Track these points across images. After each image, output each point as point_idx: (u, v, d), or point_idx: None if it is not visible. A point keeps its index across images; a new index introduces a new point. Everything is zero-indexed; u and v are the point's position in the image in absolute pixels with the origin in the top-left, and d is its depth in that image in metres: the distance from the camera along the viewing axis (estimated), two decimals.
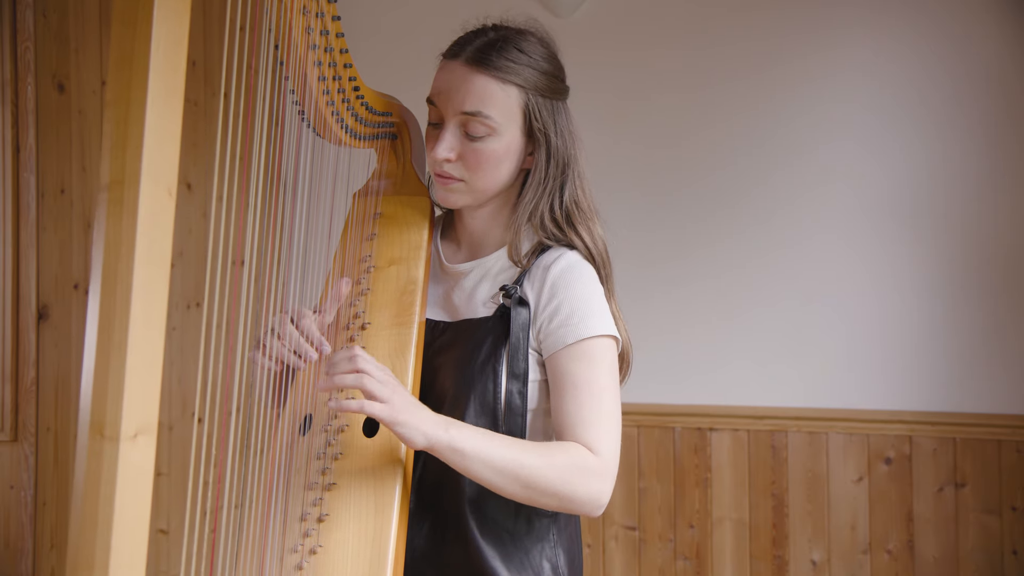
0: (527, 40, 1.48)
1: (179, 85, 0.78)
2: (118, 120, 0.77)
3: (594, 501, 1.36)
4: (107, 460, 0.79)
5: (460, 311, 1.53)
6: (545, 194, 1.50)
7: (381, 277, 1.55)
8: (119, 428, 0.78)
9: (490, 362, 1.43)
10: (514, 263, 1.50)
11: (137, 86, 0.76)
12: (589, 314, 1.43)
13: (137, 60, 0.75)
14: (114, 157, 0.77)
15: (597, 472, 1.36)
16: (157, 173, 0.78)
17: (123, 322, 0.77)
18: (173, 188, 0.79)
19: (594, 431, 1.38)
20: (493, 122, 1.43)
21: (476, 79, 1.43)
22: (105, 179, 0.77)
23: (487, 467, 1.29)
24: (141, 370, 0.79)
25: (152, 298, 0.79)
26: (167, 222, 0.79)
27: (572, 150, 1.52)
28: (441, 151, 1.45)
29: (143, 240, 0.78)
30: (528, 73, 1.45)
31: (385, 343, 1.46)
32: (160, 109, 0.77)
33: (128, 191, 0.77)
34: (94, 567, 0.79)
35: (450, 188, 1.50)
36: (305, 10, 1.25)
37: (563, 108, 1.52)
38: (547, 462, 1.32)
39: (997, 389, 2.99)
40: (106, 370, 0.78)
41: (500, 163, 1.47)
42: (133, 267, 0.77)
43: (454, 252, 1.63)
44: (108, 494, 0.78)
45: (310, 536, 1.29)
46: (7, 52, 3.11)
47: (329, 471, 1.35)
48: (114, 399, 0.78)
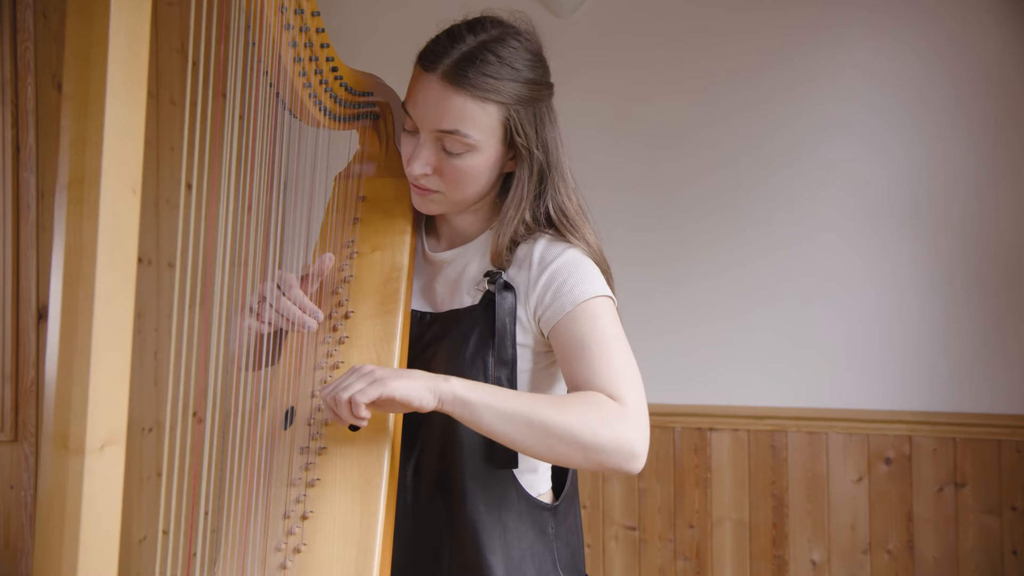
0: (508, 46, 1.37)
1: (141, 77, 0.72)
2: (76, 115, 0.71)
3: (624, 448, 1.22)
4: (72, 474, 0.73)
5: (444, 301, 1.47)
6: (527, 207, 1.43)
7: (365, 264, 1.48)
8: (84, 440, 0.72)
9: (480, 353, 1.37)
10: (497, 268, 1.43)
11: (96, 79, 0.70)
12: (582, 279, 1.36)
13: (95, 51, 0.69)
14: (73, 154, 0.71)
15: (620, 414, 1.24)
16: (120, 170, 0.72)
17: (86, 328, 0.72)
18: (138, 185, 0.73)
19: (610, 380, 1.28)
20: (472, 140, 1.35)
21: (453, 98, 1.34)
22: (64, 178, 0.72)
23: (498, 415, 1.19)
24: (107, 378, 0.73)
25: (117, 302, 0.73)
26: (132, 221, 0.73)
27: (554, 157, 1.43)
28: (416, 167, 1.38)
29: (106, 242, 0.72)
30: (509, 87, 1.35)
31: (370, 331, 1.40)
32: (121, 102, 0.71)
33: (88, 190, 0.71)
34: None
35: (428, 199, 1.43)
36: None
37: (546, 112, 1.43)
38: (564, 407, 1.22)
39: (997, 389, 2.98)
40: (69, 379, 0.72)
41: (479, 176, 1.40)
42: (95, 270, 0.71)
43: (435, 242, 1.56)
44: (74, 510, 0.72)
45: (294, 534, 1.23)
46: (7, 52, 3.07)
47: (313, 466, 1.28)
48: (78, 409, 0.72)
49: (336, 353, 1.38)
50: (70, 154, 0.71)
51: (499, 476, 1.38)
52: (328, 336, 1.41)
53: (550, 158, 1.42)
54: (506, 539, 1.37)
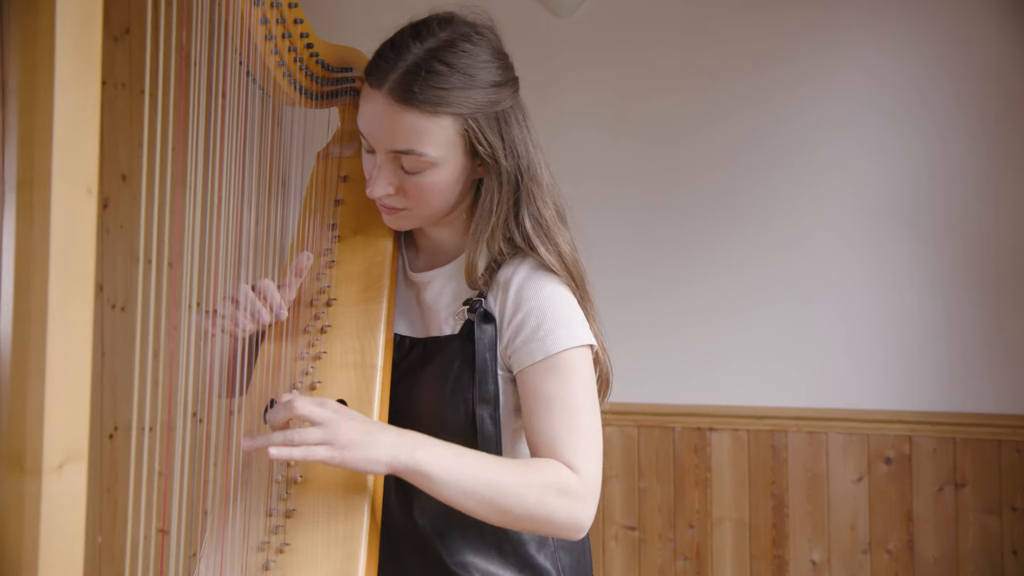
0: (458, 51, 1.25)
1: (94, 68, 0.65)
2: (23, 110, 0.64)
3: (574, 525, 1.21)
4: (29, 496, 0.66)
5: (425, 325, 1.39)
6: (500, 218, 1.32)
7: (347, 248, 1.40)
8: (41, 459, 0.66)
9: (460, 389, 1.28)
10: (472, 288, 1.34)
11: (43, 70, 0.63)
12: (556, 325, 1.27)
13: (41, 39, 0.62)
14: (21, 154, 0.64)
15: (577, 494, 1.21)
16: (72, 169, 0.65)
17: (39, 340, 0.65)
18: (93, 185, 0.66)
19: (571, 450, 1.22)
20: (429, 157, 1.24)
21: (402, 116, 1.23)
22: (12, 179, 0.65)
23: (458, 491, 1.15)
24: (64, 391, 0.67)
25: (73, 310, 0.66)
26: (88, 224, 0.66)
27: (525, 162, 1.32)
28: (377, 189, 1.29)
29: (59, 246, 0.65)
30: (463, 97, 1.24)
31: (353, 319, 1.32)
32: (72, 95, 0.64)
33: (39, 192, 0.64)
34: None
35: (396, 216, 1.34)
36: None
37: (512, 113, 1.30)
38: (524, 482, 1.17)
39: (997, 389, 2.95)
40: (23, 396, 0.65)
41: (444, 190, 1.30)
42: (48, 277, 0.65)
43: (415, 257, 1.47)
44: (31, 533, 0.66)
45: (277, 533, 1.16)
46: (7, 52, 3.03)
47: (295, 464, 1.22)
48: (33, 427, 0.65)
49: (318, 343, 1.31)
50: (18, 153, 0.64)
51: None
52: (310, 325, 1.33)
53: (521, 163, 1.31)
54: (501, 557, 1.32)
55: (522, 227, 1.32)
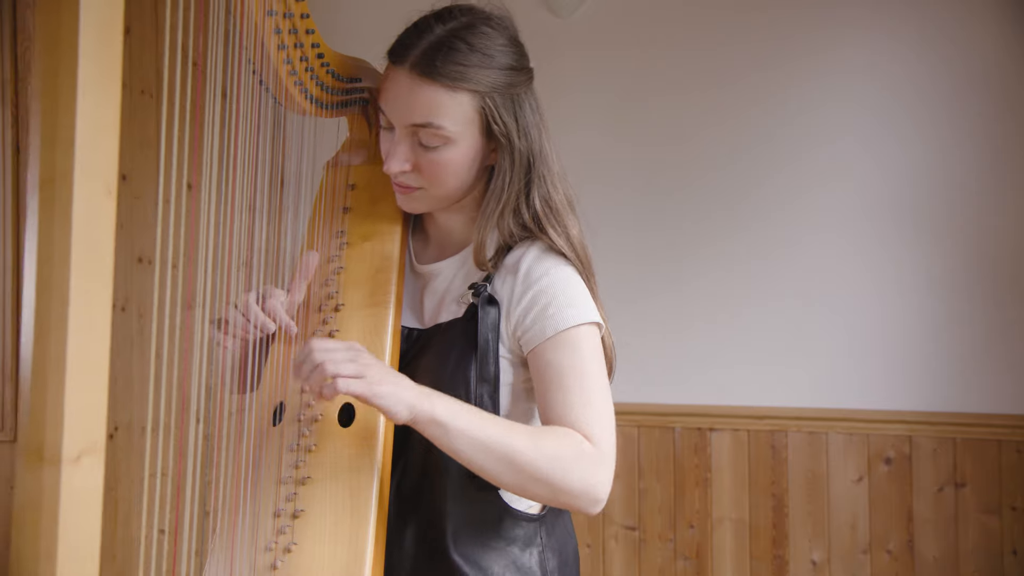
0: (478, 32, 1.32)
1: (115, 70, 0.69)
2: (47, 112, 0.67)
3: (590, 492, 1.22)
4: (48, 486, 0.69)
5: (431, 315, 1.43)
6: (510, 199, 1.37)
7: (355, 254, 1.44)
8: (60, 450, 0.69)
9: (460, 368, 1.32)
10: (480, 268, 1.38)
11: (66, 74, 0.66)
12: (566, 303, 1.31)
13: (64, 44, 0.66)
14: (44, 153, 0.67)
15: (593, 459, 1.23)
16: (93, 169, 0.68)
17: (60, 335, 0.68)
18: (113, 185, 0.70)
19: (586, 418, 1.25)
20: (446, 132, 1.30)
21: (423, 90, 1.28)
22: (36, 178, 0.68)
23: (473, 444, 1.17)
24: (83, 385, 0.70)
25: (92, 307, 0.70)
26: (107, 223, 0.70)
27: (537, 145, 1.37)
28: (394, 164, 1.33)
29: (79, 244, 0.68)
30: (481, 75, 1.30)
31: (360, 324, 1.35)
32: (94, 98, 0.68)
33: (61, 190, 0.68)
34: None
35: (410, 197, 1.39)
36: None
37: (526, 99, 1.36)
38: (539, 444, 1.20)
39: (997, 389, 2.96)
40: (43, 388, 0.69)
41: (459, 169, 1.34)
42: (69, 273, 0.68)
43: (423, 249, 1.51)
44: (50, 524, 0.69)
45: (284, 533, 1.19)
46: (7, 52, 3.04)
47: (303, 464, 1.25)
48: (54, 419, 0.68)
49: None
50: (41, 153, 0.67)
51: (481, 491, 1.33)
52: (318, 329, 1.37)
53: (533, 146, 1.36)
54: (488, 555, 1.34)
55: (532, 208, 1.36)
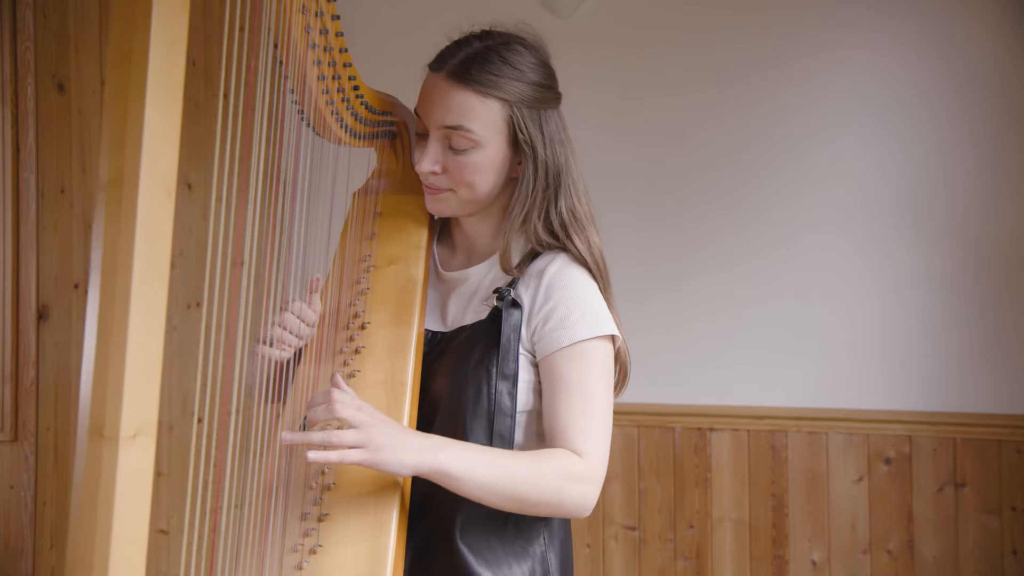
0: (513, 50, 1.46)
1: (178, 84, 0.77)
2: (116, 119, 0.76)
3: (581, 505, 1.37)
4: (106, 461, 0.78)
5: (455, 318, 1.53)
6: (535, 205, 1.48)
7: (380, 276, 1.54)
8: (118, 429, 0.78)
9: (483, 364, 1.42)
10: (506, 272, 1.49)
11: (136, 84, 0.75)
12: (584, 316, 1.43)
13: (135, 59, 0.74)
14: (112, 157, 0.76)
15: (584, 477, 1.37)
16: (156, 173, 0.77)
17: (122, 323, 0.77)
18: (172, 188, 0.78)
19: (583, 435, 1.38)
20: (475, 135, 1.42)
21: (456, 93, 1.42)
22: (104, 179, 0.77)
23: (478, 487, 1.29)
24: (140, 371, 0.79)
25: (151, 298, 0.79)
26: (166, 222, 0.79)
27: (563, 159, 1.49)
28: (425, 164, 1.45)
29: (142, 240, 0.77)
30: (512, 86, 1.43)
31: (384, 341, 1.46)
32: (159, 108, 0.77)
33: (127, 191, 0.76)
34: (93, 568, 0.78)
35: (438, 198, 1.50)
36: (304, 9, 1.24)
37: (553, 116, 1.49)
38: (537, 472, 1.33)
39: (997, 389, 2.99)
40: (105, 371, 0.78)
41: (486, 175, 1.46)
42: (132, 267, 0.77)
43: (449, 257, 1.63)
44: (107, 495, 0.78)
45: (310, 536, 1.28)
46: (7, 52, 3.10)
47: (329, 471, 1.35)
48: (113, 400, 0.77)
49: (352, 362, 1.45)
50: (109, 156, 0.76)
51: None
52: (345, 346, 1.47)
53: (558, 159, 1.48)
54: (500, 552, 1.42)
55: (560, 215, 1.48)
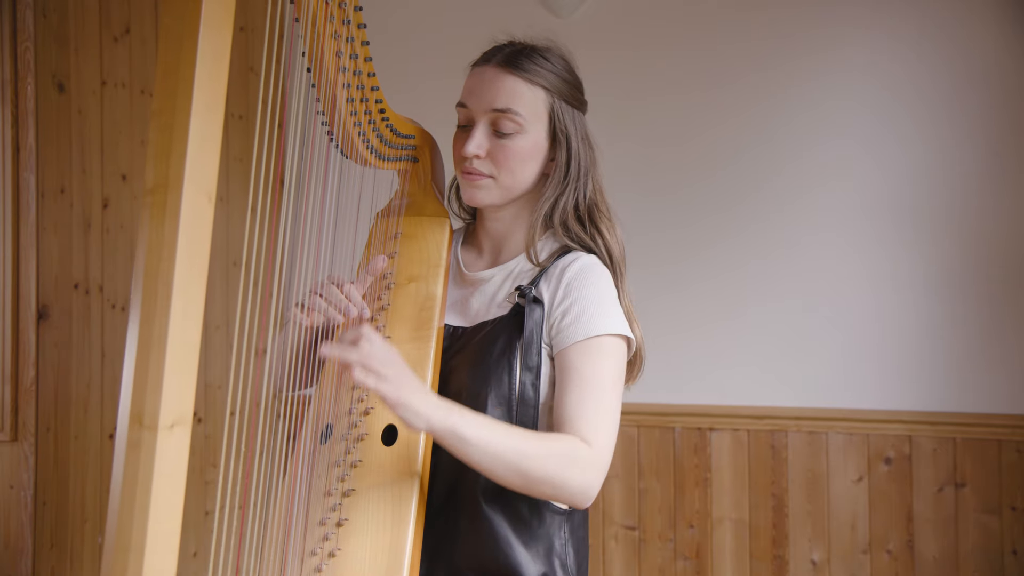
0: (551, 53, 1.61)
1: (220, 97, 0.85)
2: (163, 128, 0.83)
3: (584, 491, 1.42)
4: (145, 449, 0.85)
5: (478, 315, 1.61)
6: (565, 193, 1.59)
7: (401, 293, 1.61)
8: (157, 418, 0.85)
9: (505, 355, 1.49)
10: (531, 262, 1.58)
11: (182, 96, 0.82)
12: (600, 314, 1.50)
13: (183, 72, 0.82)
14: (158, 163, 0.83)
15: (589, 463, 1.42)
16: (198, 179, 0.85)
17: (163, 319, 0.84)
18: (212, 193, 0.85)
19: (591, 424, 1.44)
20: (521, 119, 1.54)
21: (506, 79, 1.55)
22: (149, 184, 0.84)
23: (486, 455, 1.34)
24: (179, 364, 0.86)
25: (190, 297, 0.86)
26: (206, 225, 0.86)
27: (590, 157, 1.63)
28: (471, 147, 1.55)
29: (183, 242, 0.84)
30: (552, 78, 1.57)
31: (404, 355, 1.51)
32: (202, 119, 0.84)
33: (171, 196, 0.84)
34: (131, 549, 0.86)
35: (477, 185, 1.58)
36: (336, 35, 1.32)
37: (581, 118, 1.63)
38: (544, 452, 1.38)
39: (997, 389, 3.01)
40: (146, 364, 0.85)
41: (526, 161, 1.57)
42: (174, 267, 0.84)
43: (475, 259, 1.70)
44: (146, 481, 0.85)
45: (329, 540, 1.35)
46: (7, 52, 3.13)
47: (348, 478, 1.42)
48: (153, 391, 0.84)
49: None
50: (155, 163, 0.83)
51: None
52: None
53: (586, 156, 1.62)
54: (520, 543, 1.48)
55: (588, 206, 1.61)
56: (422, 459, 1.43)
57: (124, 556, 0.85)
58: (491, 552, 1.46)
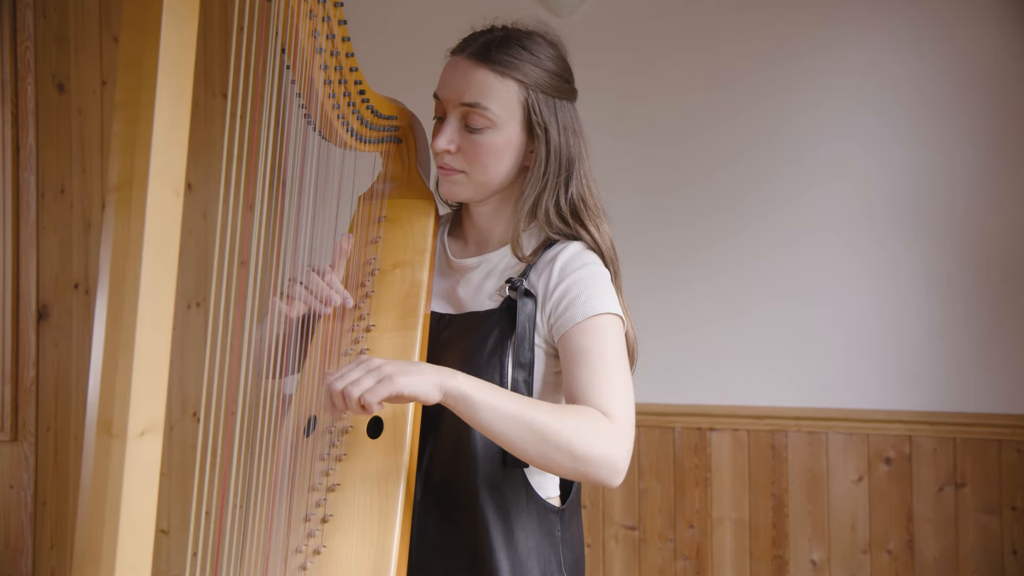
0: (533, 40, 1.52)
1: (187, 88, 0.80)
2: (127, 122, 0.78)
3: (610, 464, 1.30)
4: (114, 458, 0.80)
5: (466, 304, 1.55)
6: (546, 189, 1.52)
7: (386, 280, 1.56)
8: (126, 426, 0.80)
9: (496, 353, 1.44)
10: (517, 258, 1.52)
11: (146, 89, 0.77)
12: (596, 294, 1.45)
13: (146, 63, 0.77)
14: (123, 159, 0.78)
15: (611, 434, 1.32)
16: (165, 175, 0.80)
17: (130, 321, 0.79)
18: (180, 189, 0.81)
19: (607, 397, 1.36)
20: (491, 114, 1.47)
21: (476, 72, 1.47)
22: (113, 180, 0.79)
23: (499, 416, 1.26)
24: (148, 369, 0.81)
25: (159, 298, 0.81)
26: (174, 223, 0.81)
27: (576, 148, 1.54)
28: (440, 143, 1.49)
29: (150, 240, 0.79)
30: (529, 69, 1.48)
31: (390, 344, 1.47)
32: (168, 112, 0.79)
33: (136, 192, 0.79)
34: (100, 564, 0.80)
35: (452, 180, 1.53)
36: (312, 14, 1.26)
37: (568, 108, 1.54)
38: (561, 418, 1.29)
39: (997, 389, 3.00)
40: (113, 369, 0.80)
41: (499, 156, 1.50)
42: (140, 267, 0.79)
43: (461, 248, 1.65)
44: (115, 492, 0.80)
45: (314, 537, 1.30)
46: (7, 52, 3.11)
47: (333, 472, 1.36)
48: (121, 398, 0.79)
49: None
50: (119, 159, 0.78)
51: (510, 476, 1.44)
52: (350, 348, 1.48)
53: (571, 148, 1.53)
54: (514, 536, 1.43)
55: (571, 201, 1.53)
56: (408, 451, 1.37)
57: (94, 572, 0.80)
58: (484, 549, 1.41)
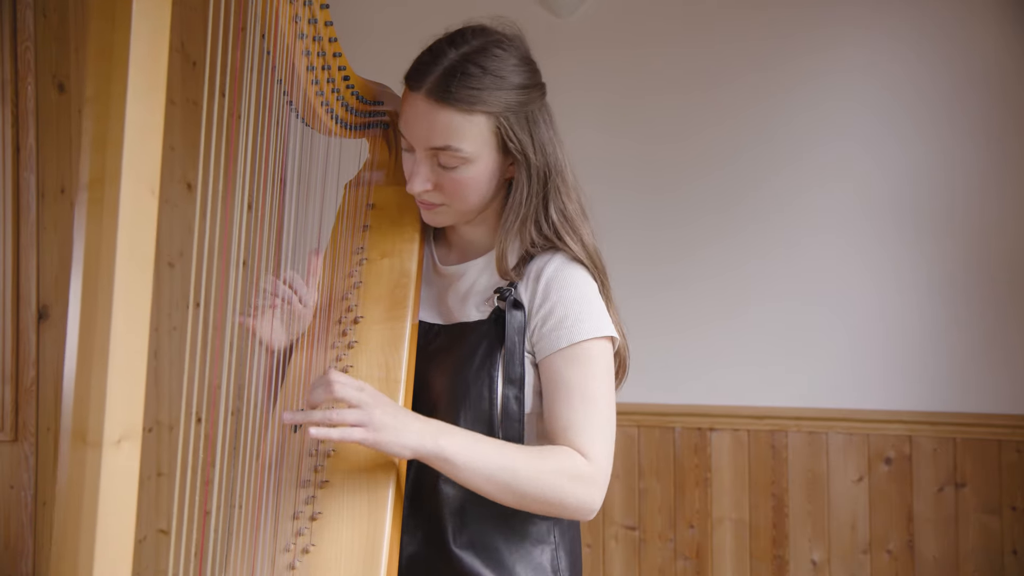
0: (491, 56, 1.37)
1: (161, 78, 0.75)
2: (98, 116, 0.73)
3: (584, 507, 1.33)
4: (90, 467, 0.75)
5: (454, 314, 1.49)
6: (530, 210, 1.43)
7: (373, 270, 1.51)
8: (102, 434, 0.75)
9: (485, 367, 1.38)
10: (503, 277, 1.45)
11: (117, 81, 0.72)
12: (582, 317, 1.39)
13: (116, 54, 0.72)
14: (94, 155, 0.73)
15: (588, 478, 1.32)
16: (139, 171, 0.75)
17: (104, 325, 0.74)
18: (156, 186, 0.76)
19: (587, 436, 1.34)
20: (464, 153, 1.36)
21: (439, 114, 1.34)
22: (85, 178, 0.74)
23: (478, 475, 1.26)
24: (124, 374, 0.76)
25: (134, 300, 0.76)
26: (150, 222, 0.76)
27: (552, 158, 1.43)
28: (416, 186, 1.40)
29: (124, 240, 0.74)
30: (495, 96, 1.35)
31: (378, 336, 1.42)
32: (141, 105, 0.74)
33: (108, 190, 0.74)
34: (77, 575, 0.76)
35: (434, 212, 1.45)
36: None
37: (539, 115, 1.42)
38: (539, 468, 1.29)
39: (997, 389, 3.00)
40: (88, 375, 0.75)
41: (479, 186, 1.41)
42: (114, 269, 0.74)
43: (446, 253, 1.58)
44: (91, 502, 0.75)
45: (303, 535, 1.26)
46: (7, 52, 3.08)
47: (322, 468, 1.32)
48: (96, 404, 0.75)
49: (346, 357, 1.42)
50: (91, 154, 0.74)
51: None
52: (338, 341, 1.44)
53: (549, 160, 1.42)
54: (507, 541, 1.40)
55: (550, 219, 1.43)
56: None
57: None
58: (480, 555, 1.38)
